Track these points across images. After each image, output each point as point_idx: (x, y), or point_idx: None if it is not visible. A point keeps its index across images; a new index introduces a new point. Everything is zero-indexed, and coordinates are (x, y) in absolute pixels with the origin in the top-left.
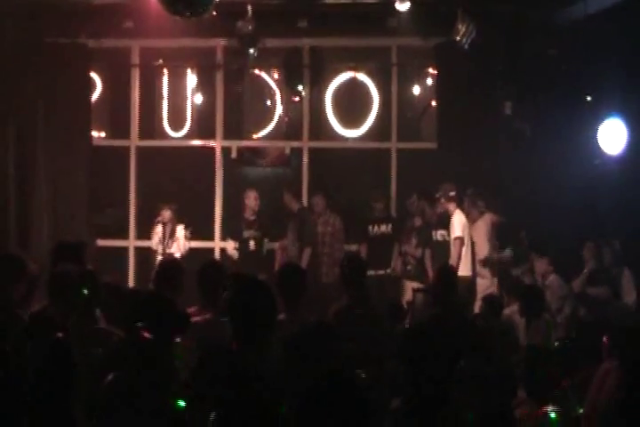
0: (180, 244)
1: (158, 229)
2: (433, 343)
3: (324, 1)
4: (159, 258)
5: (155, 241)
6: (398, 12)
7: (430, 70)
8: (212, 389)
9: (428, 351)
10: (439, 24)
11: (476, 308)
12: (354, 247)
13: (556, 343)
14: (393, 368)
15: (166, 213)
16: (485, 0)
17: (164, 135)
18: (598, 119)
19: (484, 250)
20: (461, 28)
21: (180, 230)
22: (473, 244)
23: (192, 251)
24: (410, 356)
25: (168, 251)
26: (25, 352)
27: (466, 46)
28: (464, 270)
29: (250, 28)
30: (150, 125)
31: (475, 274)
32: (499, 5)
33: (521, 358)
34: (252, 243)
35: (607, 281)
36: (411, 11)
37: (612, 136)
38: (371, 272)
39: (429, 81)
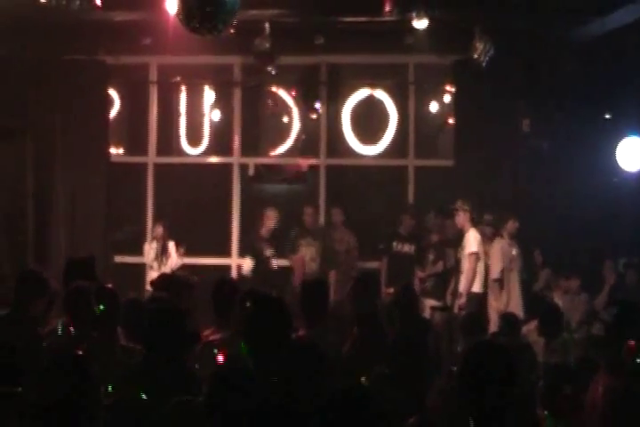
0: (172, 260)
1: (153, 244)
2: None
3: (341, 18)
4: (154, 274)
5: (150, 257)
6: (416, 29)
7: (448, 88)
8: (226, 406)
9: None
10: (457, 41)
11: (494, 326)
12: (369, 264)
13: (574, 362)
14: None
15: (158, 230)
16: (503, 17)
17: (182, 152)
18: (617, 137)
19: (497, 268)
20: (479, 45)
21: (172, 247)
22: (486, 261)
23: (209, 268)
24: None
25: (163, 267)
26: (41, 369)
27: (483, 64)
28: (477, 287)
29: (267, 45)
30: (168, 142)
31: (486, 291)
32: (516, 23)
33: (539, 377)
34: (273, 261)
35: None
36: (428, 28)
37: (630, 154)
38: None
39: (447, 98)
